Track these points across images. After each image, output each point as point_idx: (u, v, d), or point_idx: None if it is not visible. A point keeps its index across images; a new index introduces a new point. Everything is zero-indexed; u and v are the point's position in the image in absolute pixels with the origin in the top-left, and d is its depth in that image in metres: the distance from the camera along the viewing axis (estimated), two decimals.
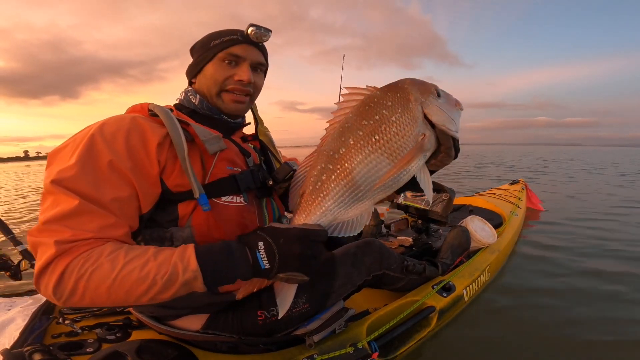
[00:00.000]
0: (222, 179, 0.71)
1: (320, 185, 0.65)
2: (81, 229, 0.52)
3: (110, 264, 0.51)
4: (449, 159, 0.66)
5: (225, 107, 0.79)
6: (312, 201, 0.65)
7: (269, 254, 0.58)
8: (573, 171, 8.71)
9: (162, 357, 0.75)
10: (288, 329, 0.85)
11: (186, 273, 0.54)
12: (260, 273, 0.59)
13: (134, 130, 0.62)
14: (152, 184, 0.63)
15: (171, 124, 0.65)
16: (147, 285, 0.52)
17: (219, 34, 0.77)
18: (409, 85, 0.63)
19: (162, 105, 0.74)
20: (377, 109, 0.62)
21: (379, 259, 1.04)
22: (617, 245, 2.37)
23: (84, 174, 0.55)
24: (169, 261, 0.54)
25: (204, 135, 0.68)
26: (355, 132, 0.63)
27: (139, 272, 0.52)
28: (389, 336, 1.03)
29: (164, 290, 0.53)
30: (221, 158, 0.72)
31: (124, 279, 0.51)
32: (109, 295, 0.51)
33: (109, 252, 0.52)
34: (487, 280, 1.58)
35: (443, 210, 1.64)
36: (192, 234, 0.68)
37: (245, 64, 0.77)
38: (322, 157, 0.65)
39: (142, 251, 0.55)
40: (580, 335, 1.29)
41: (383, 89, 0.65)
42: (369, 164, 0.62)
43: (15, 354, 0.72)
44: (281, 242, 0.59)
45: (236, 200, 0.73)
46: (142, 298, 0.53)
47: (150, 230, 0.68)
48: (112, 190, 0.57)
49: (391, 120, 0.61)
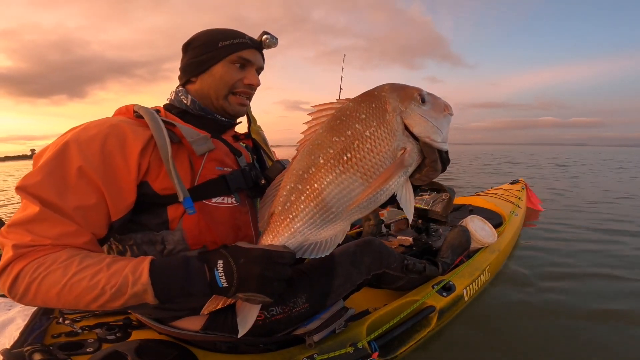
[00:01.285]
0: (211, 180, 0.70)
1: (289, 206, 0.61)
2: (41, 235, 0.53)
3: (62, 270, 0.52)
4: (436, 173, 0.60)
5: (231, 109, 0.79)
6: (281, 222, 0.62)
7: (227, 273, 0.57)
8: (595, 169, 8.58)
9: (162, 357, 0.75)
10: (288, 328, 0.85)
11: (135, 286, 0.54)
12: (217, 291, 0.59)
13: (113, 136, 0.61)
14: (125, 192, 0.62)
15: (155, 126, 0.64)
16: (95, 294, 0.53)
17: (225, 34, 0.76)
18: (386, 93, 0.58)
19: (149, 107, 0.73)
20: (350, 123, 0.57)
21: (378, 258, 1.04)
22: (617, 244, 2.36)
23: (48, 180, 0.55)
24: (121, 272, 0.54)
25: (190, 136, 0.67)
26: (325, 150, 0.58)
27: (89, 281, 0.52)
28: (389, 336, 1.03)
29: (113, 299, 0.54)
30: (210, 158, 0.71)
31: (73, 286, 0.52)
32: (59, 299, 0.53)
33: (63, 259, 0.53)
34: (487, 280, 1.58)
35: (443, 210, 1.64)
36: (184, 237, 0.67)
37: (253, 69, 0.79)
38: (292, 177, 0.61)
39: (97, 260, 0.55)
40: (581, 334, 1.28)
41: (357, 99, 0.59)
42: (340, 184, 0.57)
43: (15, 354, 0.72)
44: (241, 262, 0.58)
45: (227, 201, 0.72)
46: (91, 305, 0.54)
47: (142, 234, 0.67)
48: (77, 198, 0.57)
49: (365, 136, 0.56)
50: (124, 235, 0.68)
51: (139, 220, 0.68)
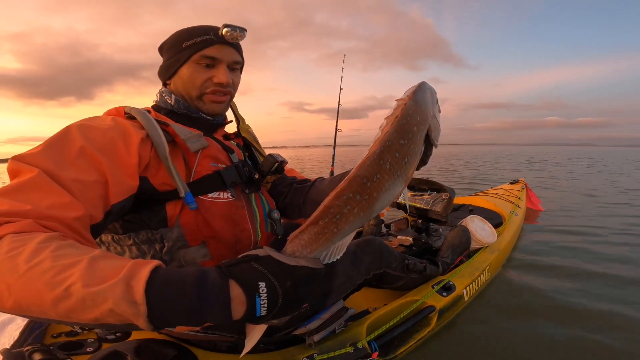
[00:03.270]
0: (206, 176, 0.71)
1: (339, 219, 0.52)
2: (25, 201, 0.44)
3: (28, 255, 0.37)
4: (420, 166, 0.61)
5: (206, 108, 0.78)
6: (323, 234, 0.52)
7: (271, 301, 0.42)
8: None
9: (162, 357, 0.75)
10: (288, 328, 0.85)
11: (121, 299, 0.35)
12: (249, 320, 0.42)
13: (114, 127, 0.61)
14: (128, 174, 0.58)
15: (150, 125, 0.64)
16: (55, 295, 0.35)
17: (190, 33, 0.73)
18: (429, 96, 0.56)
19: (139, 108, 0.72)
20: (411, 125, 0.53)
21: (379, 258, 1.03)
22: (618, 244, 2.36)
23: (48, 152, 0.51)
24: (103, 273, 0.37)
25: (184, 135, 0.67)
26: (393, 154, 0.52)
27: (55, 274, 0.36)
28: (389, 336, 1.03)
29: (79, 309, 0.36)
30: (204, 155, 0.72)
31: (31, 278, 0.36)
32: (10, 293, 0.37)
33: (40, 240, 0.39)
34: (487, 279, 1.58)
35: (443, 209, 1.64)
36: (182, 234, 0.67)
37: (222, 66, 0.75)
38: (353, 185, 0.52)
39: (81, 252, 0.40)
40: (581, 335, 1.28)
41: (413, 98, 0.54)
42: (389, 188, 0.53)
43: (15, 353, 0.72)
44: (288, 284, 0.43)
45: (223, 196, 0.73)
46: (47, 310, 0.36)
47: (140, 233, 0.67)
48: (77, 170, 0.51)
49: (417, 140, 0.54)
50: (123, 235, 0.68)
51: (138, 219, 0.67)
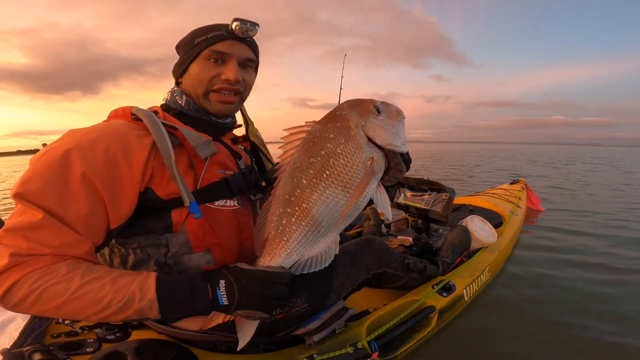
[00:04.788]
0: (214, 183, 0.70)
1: (282, 230, 0.65)
2: (40, 243, 0.52)
3: (65, 284, 0.52)
4: (401, 173, 0.66)
5: (212, 108, 0.76)
6: (276, 245, 0.66)
7: (228, 292, 0.61)
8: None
9: (162, 357, 0.75)
10: (288, 328, 0.85)
11: (142, 302, 0.56)
12: (218, 308, 0.62)
13: (117, 142, 0.60)
14: (126, 200, 0.61)
15: (156, 130, 0.63)
16: (99, 308, 0.54)
17: (204, 29, 0.73)
18: (346, 111, 0.62)
19: (146, 109, 0.71)
20: (322, 143, 0.61)
21: (379, 257, 1.03)
22: (618, 244, 2.36)
23: (49, 187, 0.53)
24: (128, 288, 0.55)
25: (194, 140, 0.66)
26: (306, 172, 0.62)
27: (94, 295, 0.53)
28: (389, 336, 1.03)
29: (117, 313, 0.55)
30: (212, 162, 0.70)
31: (76, 300, 0.52)
32: (57, 311, 0.53)
33: (65, 272, 0.53)
34: (487, 280, 1.58)
35: (443, 209, 1.63)
36: (188, 240, 0.67)
37: (232, 62, 0.73)
38: (279, 202, 0.64)
39: (101, 274, 0.56)
40: (582, 334, 1.28)
41: (322, 121, 0.63)
42: (326, 200, 0.61)
43: (15, 353, 0.72)
44: (243, 282, 0.62)
45: (230, 204, 0.72)
46: (92, 317, 0.55)
47: (145, 238, 0.67)
48: (78, 206, 0.55)
49: (337, 153, 0.61)
50: (128, 239, 0.68)
51: (142, 224, 0.67)
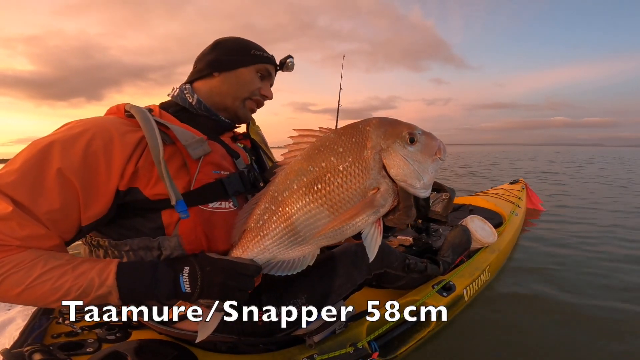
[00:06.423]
0: (208, 185, 0.68)
1: (262, 225, 0.64)
2: (8, 235, 0.53)
3: (26, 272, 0.53)
4: (408, 220, 0.57)
5: (242, 113, 0.83)
6: (252, 238, 0.65)
7: (191, 279, 0.60)
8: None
9: (162, 357, 0.75)
10: (288, 329, 0.85)
11: (101, 288, 0.56)
12: (181, 296, 0.60)
13: (99, 137, 0.59)
14: (100, 199, 0.60)
15: (147, 126, 0.62)
16: (58, 295, 0.54)
17: (257, 47, 0.83)
18: (371, 128, 0.56)
19: (141, 106, 0.70)
20: (326, 154, 0.57)
21: (380, 257, 1.03)
22: (618, 244, 2.36)
23: (23, 181, 0.54)
24: (87, 275, 0.55)
25: (185, 140, 0.65)
26: (300, 177, 0.59)
27: (53, 283, 0.54)
28: (389, 336, 1.03)
29: (76, 299, 0.55)
30: (206, 162, 0.68)
31: (36, 287, 0.53)
32: (17, 298, 0.53)
33: (28, 260, 0.53)
34: (487, 279, 1.58)
35: (443, 209, 1.63)
36: (180, 243, 0.65)
37: (268, 83, 0.86)
38: (268, 197, 0.64)
39: (63, 262, 0.56)
40: (582, 335, 1.28)
41: (340, 130, 0.59)
42: (308, 212, 0.59)
43: (15, 354, 0.72)
44: (207, 269, 0.61)
45: (225, 206, 0.70)
46: (52, 304, 0.55)
47: (138, 240, 0.65)
48: (50, 201, 0.55)
49: (337, 170, 0.56)
50: (120, 241, 0.66)
51: (132, 225, 0.66)
